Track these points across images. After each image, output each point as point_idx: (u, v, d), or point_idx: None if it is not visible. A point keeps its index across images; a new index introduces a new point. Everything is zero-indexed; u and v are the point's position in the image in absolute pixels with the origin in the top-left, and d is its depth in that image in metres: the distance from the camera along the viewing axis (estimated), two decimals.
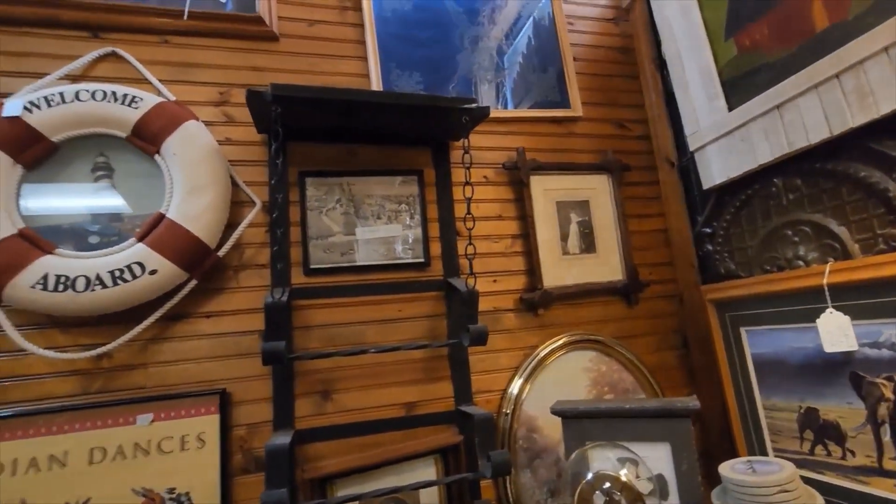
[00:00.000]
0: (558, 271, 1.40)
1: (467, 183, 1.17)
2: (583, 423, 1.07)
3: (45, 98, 1.02)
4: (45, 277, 0.95)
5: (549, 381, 1.32)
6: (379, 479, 1.11)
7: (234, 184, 1.18)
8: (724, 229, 1.38)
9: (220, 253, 1.10)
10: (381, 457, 1.09)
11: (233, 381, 1.11)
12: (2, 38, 1.11)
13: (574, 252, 1.43)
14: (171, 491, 1.02)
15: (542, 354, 1.34)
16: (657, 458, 1.00)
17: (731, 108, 1.29)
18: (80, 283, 0.96)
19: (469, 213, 1.16)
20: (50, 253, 0.97)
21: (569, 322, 1.40)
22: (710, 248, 1.43)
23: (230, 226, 1.15)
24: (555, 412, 1.09)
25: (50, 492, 0.96)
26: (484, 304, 1.32)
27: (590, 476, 0.89)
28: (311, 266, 1.21)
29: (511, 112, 1.47)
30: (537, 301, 1.34)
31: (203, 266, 1.08)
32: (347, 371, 1.19)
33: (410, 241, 1.29)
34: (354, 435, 1.14)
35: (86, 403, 1.01)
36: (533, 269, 1.37)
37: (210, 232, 1.07)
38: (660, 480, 0.96)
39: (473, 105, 1.15)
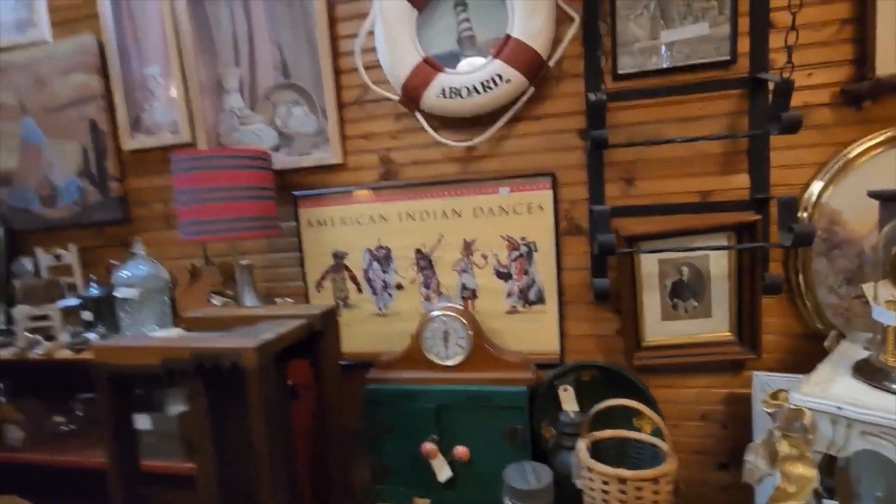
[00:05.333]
0: None
1: None
2: None
3: None
4: (443, 89, 1.39)
5: (863, 177, 1.29)
6: (677, 245, 1.37)
7: None
8: None
9: (551, 63, 1.38)
10: (680, 225, 1.34)
11: (558, 168, 1.47)
12: None
13: None
14: (523, 239, 1.49)
15: (856, 151, 1.30)
16: None
17: None
18: (464, 92, 1.38)
19: None
20: (442, 72, 1.41)
21: None
22: None
23: (555, 41, 1.40)
24: (874, 194, 1.11)
25: (454, 232, 1.53)
26: (793, 101, 1.30)
27: None
28: (619, 72, 1.39)
29: None
30: (864, 92, 1.26)
31: (539, 75, 1.38)
32: (649, 163, 1.42)
33: (717, 38, 1.32)
34: (655, 214, 1.40)
35: (467, 179, 1.51)
36: (864, 57, 1.26)
37: (544, 46, 1.35)
38: None
39: None
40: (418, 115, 1.47)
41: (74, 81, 1.74)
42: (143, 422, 1.58)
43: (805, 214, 1.34)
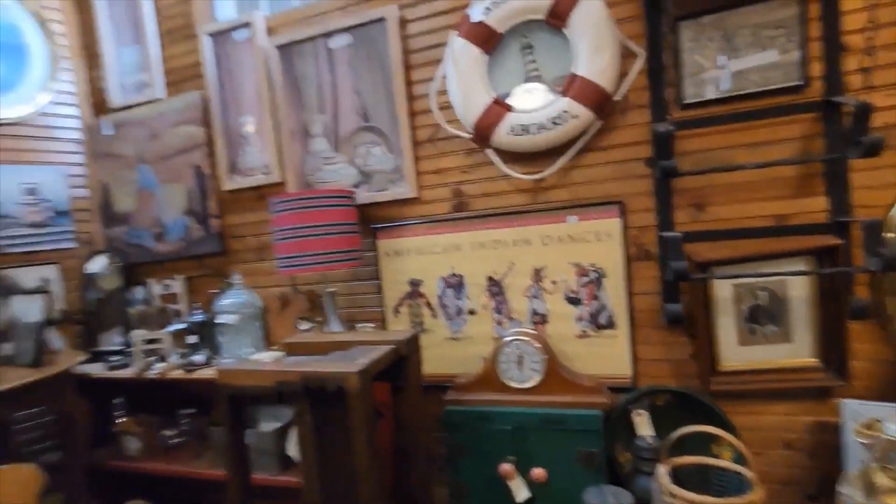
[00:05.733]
0: None
1: None
2: None
3: (494, 1, 1.48)
4: (513, 127, 1.49)
5: None
6: (753, 270, 1.37)
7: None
8: None
9: (616, 97, 1.44)
10: (756, 249, 1.34)
11: (626, 195, 1.51)
12: None
13: None
14: (592, 265, 1.54)
15: None
16: None
17: None
18: (533, 129, 1.47)
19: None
20: (511, 111, 1.50)
21: None
22: None
23: (620, 75, 1.46)
24: None
25: (524, 260, 1.60)
26: (873, 121, 1.29)
27: None
28: (685, 101, 1.43)
29: None
30: None
31: (606, 109, 1.44)
32: (719, 189, 1.43)
33: (786, 64, 1.33)
34: (729, 239, 1.41)
35: (535, 209, 1.58)
36: None
37: (610, 82, 1.41)
38: None
39: None
40: (489, 151, 1.57)
41: (183, 132, 1.99)
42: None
43: (891, 236, 1.30)
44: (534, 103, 1.49)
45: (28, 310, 1.82)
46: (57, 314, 2.03)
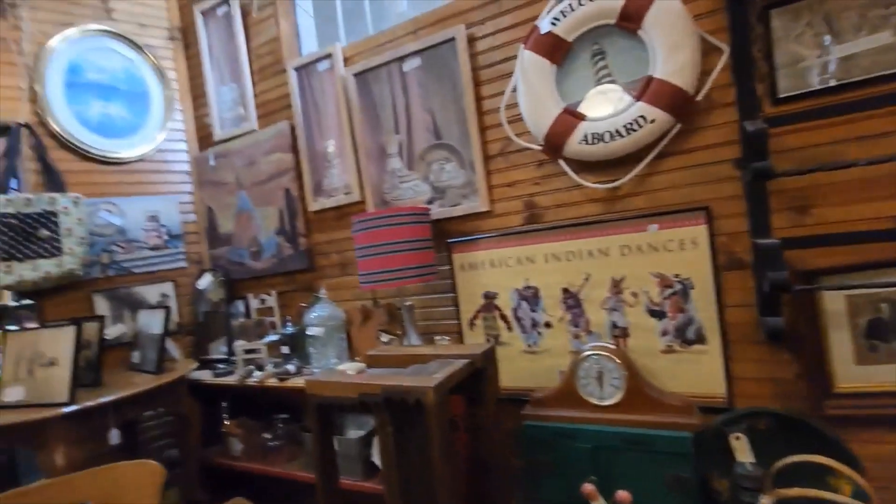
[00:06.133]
0: None
1: None
2: None
3: (562, 11, 1.46)
4: (585, 136, 1.45)
5: None
6: (867, 279, 1.21)
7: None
8: None
9: (698, 98, 1.36)
10: (875, 255, 1.19)
11: (712, 200, 1.41)
12: None
13: None
14: (677, 276, 1.45)
15: None
16: None
17: None
18: (607, 137, 1.42)
19: None
20: (583, 120, 1.47)
21: None
22: None
23: (702, 73, 1.37)
24: None
25: (601, 271, 1.55)
26: None
27: None
28: (780, 96, 1.31)
29: None
30: None
31: (686, 111, 1.36)
32: (824, 189, 1.29)
33: None
34: (839, 244, 1.25)
35: (611, 218, 1.53)
36: None
37: (689, 81, 1.33)
38: None
39: None
40: (561, 162, 1.55)
41: (274, 159, 2.18)
42: None
43: None
44: (606, 110, 1.44)
45: (151, 322, 2.07)
46: (174, 326, 2.30)
